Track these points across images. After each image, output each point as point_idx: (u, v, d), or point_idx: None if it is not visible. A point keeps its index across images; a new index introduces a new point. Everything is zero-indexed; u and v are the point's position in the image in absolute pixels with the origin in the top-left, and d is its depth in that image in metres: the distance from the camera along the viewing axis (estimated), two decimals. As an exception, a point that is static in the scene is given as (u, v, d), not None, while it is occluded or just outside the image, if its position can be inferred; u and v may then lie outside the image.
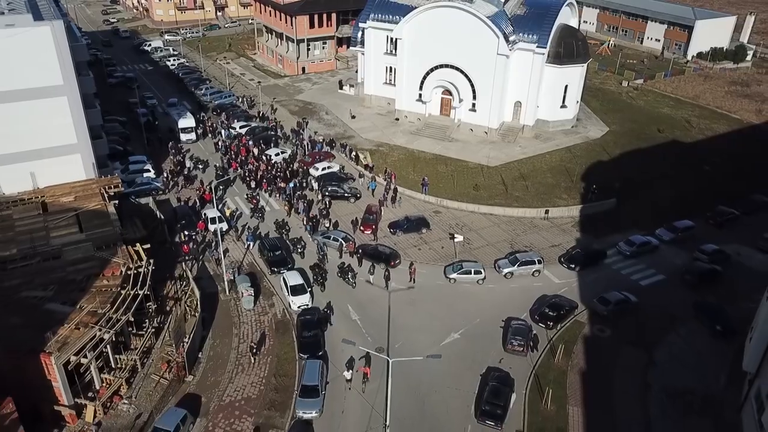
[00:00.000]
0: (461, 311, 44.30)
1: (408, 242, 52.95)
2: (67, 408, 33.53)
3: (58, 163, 48.99)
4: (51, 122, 47.54)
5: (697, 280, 48.12)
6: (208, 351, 39.80)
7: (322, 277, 46.31)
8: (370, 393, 36.85)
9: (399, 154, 68.96)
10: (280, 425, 34.40)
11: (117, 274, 39.00)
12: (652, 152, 71.38)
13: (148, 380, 37.08)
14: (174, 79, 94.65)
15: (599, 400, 36.95)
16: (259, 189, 60.30)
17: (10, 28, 43.71)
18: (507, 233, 55.05)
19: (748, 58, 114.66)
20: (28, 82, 45.66)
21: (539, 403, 36.41)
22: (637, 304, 45.19)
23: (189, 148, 68.41)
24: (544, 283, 48.04)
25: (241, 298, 43.88)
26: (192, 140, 69.95)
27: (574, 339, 41.98)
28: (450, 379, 38.17)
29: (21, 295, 36.47)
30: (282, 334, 41.46)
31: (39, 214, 45.50)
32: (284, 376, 37.74)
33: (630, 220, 56.86)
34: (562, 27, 72.74)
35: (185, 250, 48.83)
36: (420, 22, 72.49)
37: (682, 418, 35.76)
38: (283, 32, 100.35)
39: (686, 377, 38.80)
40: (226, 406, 35.46)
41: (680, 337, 42.50)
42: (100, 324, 34.47)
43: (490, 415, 34.56)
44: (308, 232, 53.36)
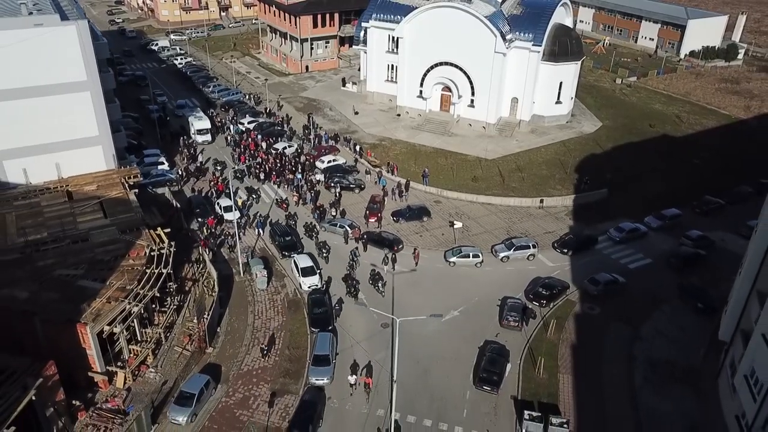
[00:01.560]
0: (460, 291, 47.41)
1: (410, 229, 56.03)
2: (100, 374, 36.62)
3: (80, 155, 52.04)
4: (75, 116, 50.56)
5: (682, 263, 51.28)
6: (225, 326, 42.90)
7: (355, 288, 46.34)
8: (376, 361, 39.94)
9: (401, 148, 72.06)
10: (294, 391, 37.51)
11: (141, 255, 42.09)
12: (643, 146, 74.52)
13: (171, 352, 40.21)
14: (182, 77, 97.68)
15: (588, 369, 40.08)
16: (267, 181, 63.42)
17: (39, 27, 46.77)
18: (504, 221, 58.16)
19: (740, 56, 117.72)
20: (54, 78, 48.65)
21: (532, 371, 39.54)
22: (625, 285, 48.37)
23: (203, 149, 70.44)
24: (538, 267, 51.15)
25: (255, 279, 46.99)
26: (208, 141, 71.37)
27: (565, 316, 45.11)
28: (450, 351, 41.27)
29: (55, 273, 39.51)
30: (294, 312, 44.58)
31: (65, 202, 48.57)
32: (297, 348, 40.86)
33: (620, 209, 59.92)
34: (556, 26, 75.88)
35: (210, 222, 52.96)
36: (420, 22, 75.62)
37: (664, 385, 38.86)
38: (288, 32, 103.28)
39: (669, 349, 41.94)
40: (245, 374, 38.58)
41: (665, 315, 45.63)
42: (128, 298, 37.58)
43: (487, 382, 37.69)
44: (315, 220, 56.41)
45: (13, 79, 47.05)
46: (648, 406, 37.16)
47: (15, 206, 47.34)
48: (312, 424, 34.16)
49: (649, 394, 38.16)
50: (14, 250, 41.78)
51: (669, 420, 36.18)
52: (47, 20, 47.66)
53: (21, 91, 47.68)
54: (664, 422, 36.02)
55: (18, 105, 47.94)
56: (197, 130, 71.35)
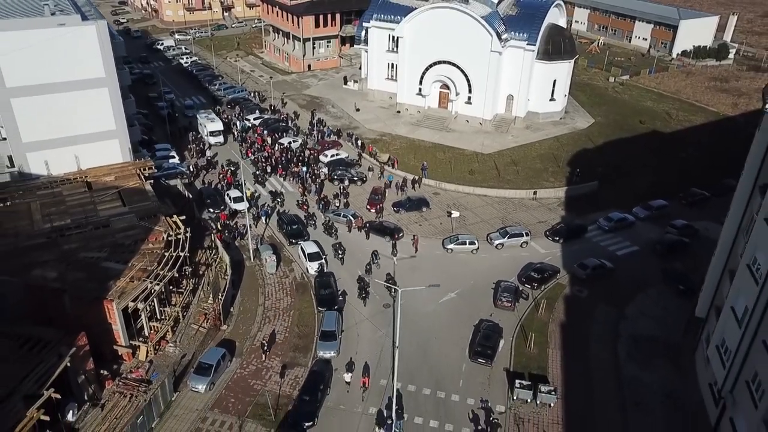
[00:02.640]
0: (457, 276, 50.44)
1: (410, 219, 59.05)
2: (124, 348, 39.62)
3: (98, 147, 55.11)
4: (93, 111, 53.62)
5: (666, 250, 54.39)
6: (238, 306, 45.95)
7: (365, 291, 47.34)
8: (378, 337, 43.10)
9: (401, 143, 75.10)
10: (303, 363, 40.56)
11: (160, 240, 45.12)
12: (633, 141, 77.62)
13: (188, 329, 43.25)
14: (188, 75, 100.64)
15: (575, 345, 43.16)
16: (274, 174, 66.45)
17: (62, 27, 49.80)
18: (499, 212, 61.21)
19: (731, 55, 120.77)
20: (74, 75, 51.76)
21: (524, 346, 42.62)
22: (613, 270, 51.45)
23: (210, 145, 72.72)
24: (530, 253, 54.20)
25: (265, 263, 50.02)
26: (220, 143, 72.85)
27: (555, 297, 48.20)
28: (448, 329, 44.32)
29: (80, 255, 42.50)
30: (301, 294, 47.62)
31: (85, 191, 51.58)
32: (305, 326, 43.92)
33: (610, 201, 62.89)
34: (550, 26, 78.98)
35: (223, 217, 56.03)
36: (420, 22, 78.68)
37: (646, 359, 41.93)
38: (290, 32, 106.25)
39: (651, 327, 45.03)
40: (257, 348, 41.58)
41: (649, 297, 48.72)
42: (150, 278, 40.61)
43: (481, 355, 40.76)
44: (320, 209, 59.44)
45: (37, 76, 50.07)
46: (630, 376, 40.26)
47: (38, 195, 50.35)
48: (320, 392, 37.21)
49: (632, 367, 41.24)
50: (41, 235, 44.79)
51: (650, 389, 39.24)
52: (69, 20, 50.69)
53: (44, 87, 50.71)
54: (644, 391, 39.08)
55: (41, 100, 50.97)
56: (210, 131, 72.45)
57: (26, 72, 49.65)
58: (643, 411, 37.61)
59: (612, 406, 38.00)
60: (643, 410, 37.67)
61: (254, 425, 35.73)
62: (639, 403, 38.17)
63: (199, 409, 36.79)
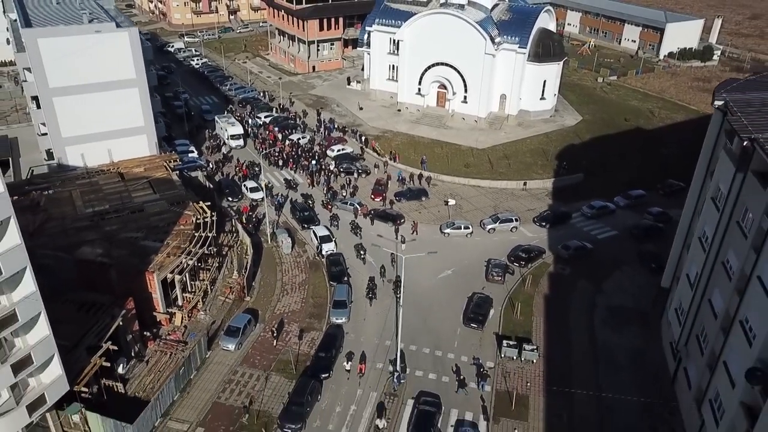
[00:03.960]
0: (453, 256, 56.27)
1: (411, 207, 64.81)
2: (162, 314, 45.43)
3: (129, 142, 61.04)
4: (125, 108, 59.47)
5: (642, 233, 60.24)
6: (259, 281, 51.79)
7: (373, 292, 50.22)
8: (383, 307, 48.94)
9: (402, 139, 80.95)
10: (318, 328, 46.43)
11: (189, 222, 50.93)
12: (617, 137, 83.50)
13: (216, 300, 49.07)
14: (200, 77, 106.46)
15: (557, 313, 49.02)
16: (285, 167, 72.31)
17: (99, 33, 55.63)
18: (491, 201, 67.07)
19: (715, 57, 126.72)
20: (109, 76, 57.64)
21: (511, 314, 48.49)
22: (593, 251, 57.33)
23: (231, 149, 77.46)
24: (519, 237, 60.03)
25: (281, 245, 55.86)
26: (241, 146, 76.90)
27: (541, 274, 54.07)
28: (444, 300, 50.17)
29: (122, 235, 48.31)
30: (314, 271, 53.47)
31: (119, 181, 57.39)
32: (319, 297, 49.80)
33: (594, 191, 68.63)
34: (540, 30, 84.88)
35: (245, 210, 61.38)
36: (419, 26, 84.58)
37: (618, 325, 47.77)
38: (296, 35, 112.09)
39: (625, 299, 50.90)
40: (278, 315, 47.47)
41: (624, 274, 54.59)
42: (183, 254, 46.43)
43: (473, 321, 46.64)
44: (328, 199, 65.24)
45: (76, 77, 55.94)
46: (603, 338, 46.12)
47: (78, 184, 56.15)
48: (334, 350, 43.09)
49: (606, 332, 47.10)
50: (84, 219, 50.60)
51: (619, 349, 45.08)
52: (105, 27, 56.62)
53: (81, 87, 56.62)
54: (615, 350, 44.93)
55: (78, 99, 56.85)
56: (230, 135, 76.62)
57: (66, 74, 55.53)
58: (613, 366, 43.47)
59: (586, 362, 43.87)
60: (613, 365, 43.53)
61: (278, 377, 41.58)
62: (610, 359, 44.03)
63: (229, 365, 42.65)
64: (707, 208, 38.83)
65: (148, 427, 36.97)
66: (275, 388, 40.68)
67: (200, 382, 41.24)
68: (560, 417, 39.34)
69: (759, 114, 35.50)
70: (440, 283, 52.44)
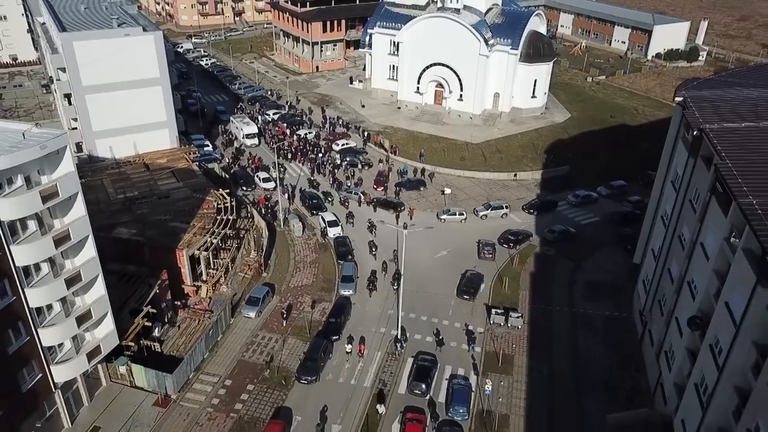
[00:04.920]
0: (449, 239, 62.05)
1: (410, 196, 70.55)
2: (190, 287, 51.16)
3: (152, 135, 66.73)
4: (149, 105, 65.17)
5: (621, 219, 66.03)
6: (274, 260, 57.57)
7: (374, 285, 53.91)
8: (386, 280, 54.65)
9: (402, 134, 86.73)
10: (328, 299, 52.22)
11: (211, 207, 56.67)
12: (602, 133, 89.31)
13: (236, 276, 54.80)
14: (210, 76, 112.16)
15: (541, 288, 54.83)
16: (293, 160, 78.07)
17: (128, 37, 61.35)
18: (484, 190, 72.86)
19: (701, 57, 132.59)
20: (135, 75, 63.30)
21: (500, 288, 54.31)
22: (576, 234, 63.14)
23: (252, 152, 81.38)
24: (509, 223, 65.81)
25: (293, 229, 61.62)
26: (255, 144, 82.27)
27: (528, 254, 59.89)
28: (441, 277, 55.93)
29: (152, 218, 54.03)
30: (323, 252, 59.23)
31: (145, 171, 63.12)
32: (328, 274, 55.55)
33: (579, 182, 74.43)
34: (531, 33, 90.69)
35: (261, 202, 66.81)
36: (418, 29, 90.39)
37: (594, 297, 53.57)
38: (300, 36, 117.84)
39: (602, 275, 56.72)
40: (292, 289, 53.26)
41: (603, 254, 60.39)
42: (208, 234, 52.17)
43: (466, 293, 52.44)
44: (334, 188, 71.00)
45: (106, 76, 61.60)
46: (580, 307, 51.94)
47: (107, 174, 61.86)
48: (343, 316, 48.92)
49: (584, 302, 52.91)
50: (116, 203, 56.30)
51: (595, 317, 50.88)
52: (133, 31, 62.38)
53: (111, 86, 62.31)
54: (591, 318, 50.73)
55: (108, 96, 62.57)
56: (246, 134, 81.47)
57: (97, 73, 61.21)
58: (589, 331, 49.28)
59: (565, 328, 49.69)
60: (589, 330, 49.35)
61: (294, 339, 47.37)
62: (586, 325, 49.85)
63: (251, 329, 48.44)
64: (668, 190, 44.69)
65: (184, 379, 42.70)
66: (292, 349, 46.48)
67: (226, 343, 47.02)
68: (541, 372, 45.14)
69: (710, 108, 41.30)
70: (437, 262, 58.23)
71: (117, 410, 40.46)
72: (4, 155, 29.57)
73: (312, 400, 41.89)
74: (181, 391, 42.09)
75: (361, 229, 62.53)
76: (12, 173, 31.05)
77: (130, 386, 42.13)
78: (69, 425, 38.75)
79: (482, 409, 41.58)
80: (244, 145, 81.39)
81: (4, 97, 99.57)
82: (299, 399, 41.97)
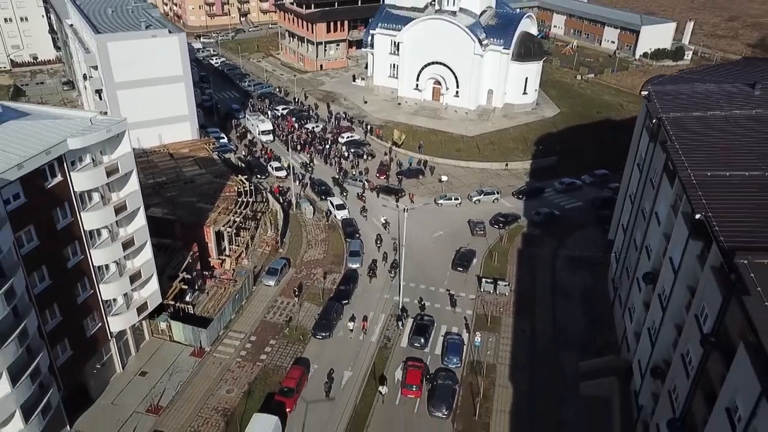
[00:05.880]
0: (445, 221, 68.72)
1: (410, 184, 77.25)
2: (215, 259, 57.80)
3: (175, 128, 73.18)
4: (173, 100, 71.68)
5: (601, 203, 72.73)
6: (288, 238, 64.28)
7: (374, 272, 58.48)
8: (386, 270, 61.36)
9: (402, 128, 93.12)
10: (338, 271, 58.93)
11: (232, 191, 63.29)
12: (588, 127, 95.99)
13: (255, 251, 61.47)
14: (221, 74, 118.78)
15: (526, 262, 61.53)
16: (302, 152, 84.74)
17: (155, 38, 67.96)
18: (478, 179, 79.57)
19: (687, 56, 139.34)
20: (161, 72, 69.78)
21: (490, 262, 61.03)
22: (560, 217, 69.85)
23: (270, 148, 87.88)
24: (500, 207, 72.44)
25: (304, 212, 68.30)
26: (270, 140, 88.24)
27: (516, 234, 66.61)
28: (437, 252, 62.62)
29: (181, 200, 60.66)
30: (333, 231, 65.91)
31: (170, 159, 69.73)
32: (337, 250, 62.25)
33: (565, 171, 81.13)
34: (522, 33, 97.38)
35: (276, 191, 73.16)
36: (417, 30, 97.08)
37: (574, 269, 60.27)
38: (305, 36, 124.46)
39: (581, 251, 63.42)
40: (305, 263, 59.97)
41: (583, 234, 67.11)
42: (231, 213, 58.83)
43: (459, 265, 59.19)
44: (339, 177, 77.68)
45: (135, 74, 68.12)
46: (561, 279, 58.64)
47: (137, 162, 68.14)
48: (352, 284, 55.66)
49: (564, 274, 59.61)
50: (148, 187, 62.74)
51: (573, 286, 57.56)
52: (159, 33, 68.93)
53: (139, 82, 68.76)
54: (570, 287, 57.41)
55: (137, 92, 68.99)
56: (261, 131, 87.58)
57: (128, 71, 67.72)
58: (567, 297, 56.02)
59: (547, 294, 56.41)
60: (568, 297, 56.08)
61: (309, 304, 54.08)
62: (565, 293, 56.60)
63: (271, 295, 55.17)
64: (635, 172, 51.41)
65: (215, 335, 49.38)
66: (307, 311, 53.22)
67: (250, 307, 53.73)
68: (524, 331, 51.86)
69: (668, 100, 48.01)
70: (434, 240, 64.93)
71: (159, 360, 47.18)
72: (78, 136, 36.19)
73: (326, 352, 48.66)
74: (213, 345, 48.78)
75: (373, 222, 68.51)
76: (83, 153, 37.67)
77: (170, 340, 48.85)
78: (121, 370, 45.49)
79: (473, 360, 48.30)
80: (259, 140, 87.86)
81: (29, 93, 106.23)
82: (315, 351, 48.72)
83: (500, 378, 46.68)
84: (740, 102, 46.19)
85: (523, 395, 45.19)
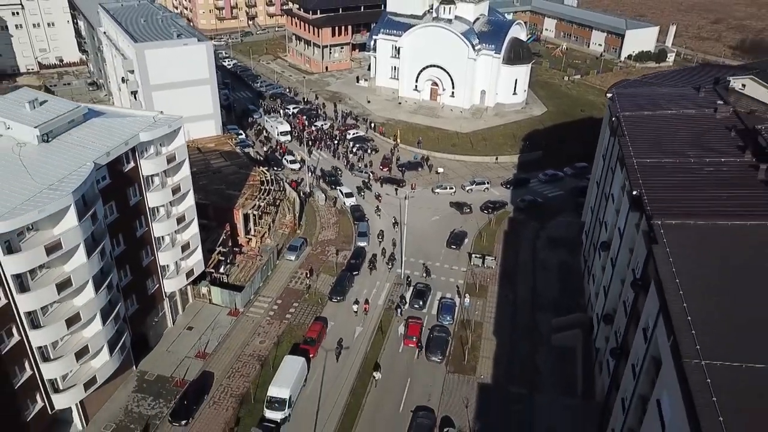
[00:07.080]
0: (441, 207, 78.12)
1: (410, 175, 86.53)
2: (243, 238, 67.12)
3: (202, 125, 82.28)
4: (200, 100, 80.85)
5: (579, 192, 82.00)
6: (305, 221, 73.64)
7: (374, 266, 65.18)
8: (393, 233, 70.74)
9: (402, 125, 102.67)
10: (348, 249, 68.32)
11: (256, 180, 72.60)
12: (572, 124, 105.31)
13: (277, 232, 70.83)
14: (234, 75, 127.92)
15: (511, 241, 70.93)
16: (313, 147, 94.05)
17: (185, 45, 77.20)
18: (471, 171, 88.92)
19: (669, 58, 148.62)
20: (190, 76, 78.97)
21: (479, 241, 70.44)
22: (542, 203, 79.27)
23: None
24: (489, 195, 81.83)
25: (317, 199, 77.69)
26: (288, 141, 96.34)
27: (503, 218, 76.03)
28: (433, 234, 72.00)
29: (211, 187, 69.94)
30: (343, 216, 75.30)
31: (198, 153, 78.95)
32: (347, 231, 71.67)
33: (549, 164, 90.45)
34: (512, 39, 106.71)
35: (293, 185, 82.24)
36: (416, 36, 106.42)
37: (552, 248, 69.65)
38: (311, 40, 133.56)
39: (560, 233, 72.79)
40: (320, 242, 69.41)
41: (563, 218, 76.49)
42: (256, 198, 68.18)
43: (453, 244, 68.69)
44: (347, 168, 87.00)
45: (168, 77, 77.30)
46: (541, 256, 68.04)
47: (170, 155, 77.53)
48: (361, 259, 65.12)
49: (544, 252, 69.01)
50: (182, 177, 72.04)
51: (551, 262, 66.96)
52: (189, 41, 78.12)
53: (171, 84, 77.91)
54: (548, 262, 66.81)
55: (168, 93, 78.13)
56: (280, 132, 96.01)
57: (161, 74, 76.92)
58: (545, 271, 65.42)
59: (528, 268, 65.82)
60: (546, 270, 65.49)
61: (324, 275, 63.47)
62: (544, 267, 66.01)
63: (292, 268, 64.59)
64: (600, 161, 60.82)
65: (247, 299, 58.72)
66: (324, 280, 62.64)
67: (275, 277, 63.12)
68: (507, 297, 61.26)
69: (627, 101, 57.40)
70: (431, 224, 74.31)
71: (202, 318, 56.59)
72: (148, 131, 45.49)
73: (341, 312, 58.07)
74: (245, 307, 58.15)
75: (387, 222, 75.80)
76: (149, 144, 46.97)
77: (209, 303, 58.22)
78: (172, 324, 54.91)
79: (463, 318, 57.74)
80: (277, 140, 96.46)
81: (58, 94, 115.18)
82: (332, 311, 58.16)
83: (486, 333, 56.12)
84: (685, 102, 55.65)
85: (504, 346, 54.64)
